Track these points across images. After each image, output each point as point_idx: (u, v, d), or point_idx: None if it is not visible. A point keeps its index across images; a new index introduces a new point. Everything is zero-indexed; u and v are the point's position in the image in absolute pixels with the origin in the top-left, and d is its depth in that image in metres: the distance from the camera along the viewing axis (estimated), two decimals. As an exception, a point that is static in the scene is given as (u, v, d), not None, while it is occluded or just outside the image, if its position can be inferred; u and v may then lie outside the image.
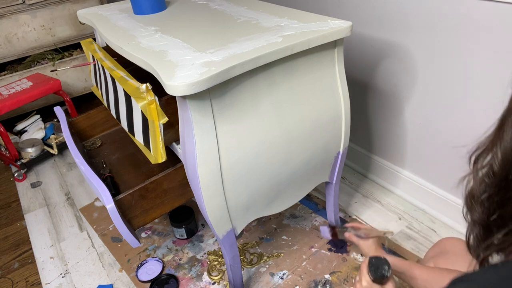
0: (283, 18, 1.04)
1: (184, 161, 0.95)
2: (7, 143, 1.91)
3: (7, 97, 1.95)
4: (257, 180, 0.99)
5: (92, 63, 1.33)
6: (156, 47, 0.95)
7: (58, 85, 2.12)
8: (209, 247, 1.47)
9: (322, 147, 1.10)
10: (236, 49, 0.86)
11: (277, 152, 0.99)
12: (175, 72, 0.79)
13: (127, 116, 1.08)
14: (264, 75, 0.90)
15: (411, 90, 1.35)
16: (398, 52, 1.33)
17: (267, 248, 1.43)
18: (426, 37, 1.22)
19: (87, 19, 1.31)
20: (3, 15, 2.19)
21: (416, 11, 1.21)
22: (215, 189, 0.92)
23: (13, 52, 2.31)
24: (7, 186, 1.97)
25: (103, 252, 1.51)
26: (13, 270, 1.49)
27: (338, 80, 1.05)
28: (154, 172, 1.09)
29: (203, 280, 1.34)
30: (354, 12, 1.42)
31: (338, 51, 1.02)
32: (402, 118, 1.44)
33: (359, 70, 1.51)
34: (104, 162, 1.33)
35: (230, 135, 0.89)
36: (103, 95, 1.29)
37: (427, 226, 1.44)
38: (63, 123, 1.29)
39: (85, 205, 1.76)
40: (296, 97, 0.98)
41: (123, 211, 1.00)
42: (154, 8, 1.25)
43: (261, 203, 1.06)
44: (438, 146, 1.35)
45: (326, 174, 1.21)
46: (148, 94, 0.90)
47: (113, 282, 1.38)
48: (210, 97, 0.83)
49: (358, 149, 1.70)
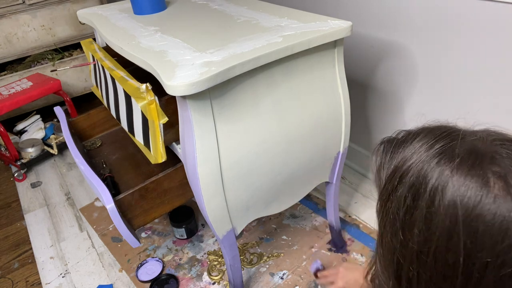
0: (283, 18, 1.04)
1: (184, 161, 0.95)
2: (7, 143, 1.91)
3: (7, 97, 1.95)
4: (257, 180, 0.99)
5: (92, 63, 1.33)
6: (156, 47, 0.95)
7: (58, 85, 2.12)
8: (209, 247, 1.47)
9: (322, 147, 1.10)
10: (236, 49, 0.86)
11: (277, 152, 0.99)
12: (175, 72, 0.79)
13: (127, 116, 1.08)
14: (264, 75, 0.90)
15: (411, 90, 1.35)
16: (398, 52, 1.33)
17: (267, 248, 1.43)
18: (426, 37, 1.22)
19: (87, 19, 1.31)
20: (3, 15, 2.19)
21: (416, 11, 1.21)
22: (215, 189, 0.92)
23: (13, 52, 2.31)
24: (7, 186, 1.97)
25: (103, 252, 1.51)
26: (13, 270, 1.49)
27: (338, 80, 1.05)
28: (154, 172, 1.09)
29: (203, 280, 1.34)
30: (354, 12, 1.42)
31: (338, 51, 1.02)
32: (402, 118, 1.44)
33: (359, 70, 1.51)
34: (104, 162, 1.33)
35: (230, 135, 0.89)
36: (103, 95, 1.29)
37: (427, 226, 1.44)
38: (63, 123, 1.29)
39: (85, 205, 1.76)
40: (296, 97, 0.98)
41: (123, 211, 1.00)
42: (154, 8, 1.25)
43: (261, 203, 1.06)
44: (438, 146, 1.35)
45: (326, 174, 1.21)
46: (148, 94, 0.90)
47: (113, 282, 1.38)
48: (210, 97, 0.83)
49: (358, 149, 1.70)
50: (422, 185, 0.43)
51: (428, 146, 0.45)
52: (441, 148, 0.44)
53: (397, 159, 0.48)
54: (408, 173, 0.45)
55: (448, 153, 0.43)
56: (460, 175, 0.40)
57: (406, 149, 0.47)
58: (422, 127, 0.51)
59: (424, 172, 0.43)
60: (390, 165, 0.49)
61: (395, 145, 0.50)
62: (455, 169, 0.41)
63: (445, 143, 0.44)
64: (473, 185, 0.39)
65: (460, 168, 0.41)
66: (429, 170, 0.43)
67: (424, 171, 0.43)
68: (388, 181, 0.48)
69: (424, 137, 0.47)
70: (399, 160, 0.47)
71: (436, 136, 0.46)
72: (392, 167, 0.48)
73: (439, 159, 0.43)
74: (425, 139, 0.46)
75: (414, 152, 0.46)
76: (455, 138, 0.45)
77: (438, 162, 0.42)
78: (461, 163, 0.41)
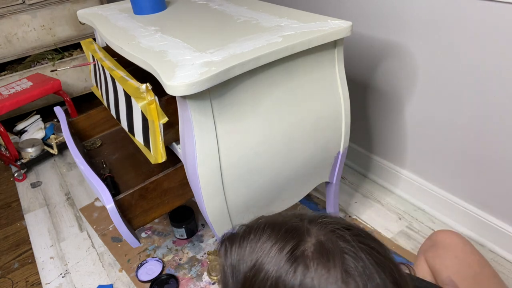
0: (283, 18, 1.04)
1: (184, 161, 0.95)
2: (7, 143, 1.91)
3: (7, 97, 1.95)
4: (257, 180, 0.99)
5: (92, 63, 1.33)
6: (156, 47, 0.95)
7: (58, 85, 2.12)
8: (209, 247, 1.47)
9: (322, 147, 1.10)
10: (236, 49, 0.86)
11: (277, 152, 0.99)
12: (175, 72, 0.79)
13: (127, 116, 1.08)
14: (264, 75, 0.90)
15: (411, 90, 1.35)
16: (398, 52, 1.33)
17: (267, 248, 1.43)
18: (426, 37, 1.22)
19: (87, 19, 1.31)
20: (3, 15, 2.19)
21: (416, 11, 1.21)
22: (215, 189, 0.92)
23: (13, 52, 2.31)
24: (7, 186, 1.97)
25: (103, 252, 1.51)
26: (13, 270, 1.49)
27: (338, 80, 1.05)
28: (154, 172, 1.09)
29: (203, 280, 1.34)
30: (354, 12, 1.42)
31: (338, 51, 1.02)
32: (402, 118, 1.44)
33: (359, 70, 1.51)
34: (104, 162, 1.33)
35: (230, 135, 0.89)
36: (103, 95, 1.29)
37: (427, 226, 1.44)
38: (63, 123, 1.29)
39: (85, 205, 1.76)
40: (296, 97, 0.98)
41: (123, 211, 1.00)
42: (154, 8, 1.25)
43: (261, 203, 1.06)
44: (438, 146, 1.35)
45: (326, 174, 1.21)
46: (148, 94, 0.90)
47: (113, 282, 1.38)
48: (210, 97, 0.83)
49: (358, 149, 1.70)
50: None
51: (278, 250, 0.44)
52: (291, 252, 0.44)
53: (247, 265, 0.46)
54: (265, 283, 0.44)
55: (301, 258, 0.43)
56: (320, 279, 0.42)
57: (253, 253, 0.46)
58: (262, 221, 0.50)
59: (283, 282, 0.43)
60: (239, 271, 0.47)
61: (239, 245, 0.49)
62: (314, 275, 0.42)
63: (292, 245, 0.44)
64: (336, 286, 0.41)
65: (317, 273, 0.42)
66: (289, 280, 0.42)
67: (283, 281, 0.43)
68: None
69: (269, 238, 0.46)
70: (249, 266, 0.46)
71: (281, 237, 0.45)
72: (242, 275, 0.47)
73: (295, 266, 0.43)
74: (271, 241, 0.46)
75: (264, 257, 0.45)
76: (301, 238, 0.45)
77: (295, 270, 0.42)
78: (318, 268, 0.42)
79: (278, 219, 0.50)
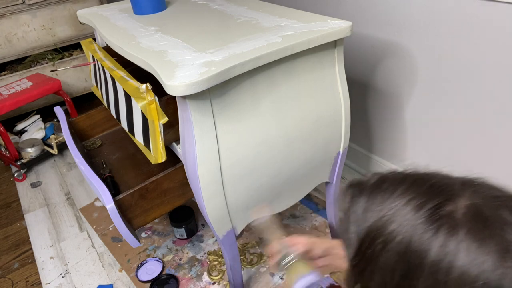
0: (283, 18, 1.04)
1: (184, 161, 0.95)
2: (7, 143, 1.91)
3: (7, 97, 1.95)
4: (257, 180, 0.99)
5: (92, 63, 1.33)
6: (156, 47, 0.95)
7: (58, 85, 2.12)
8: (209, 247, 1.47)
9: (322, 147, 1.10)
10: (236, 49, 0.86)
11: (277, 152, 0.99)
12: (175, 72, 0.79)
13: (127, 116, 1.08)
14: (264, 75, 0.90)
15: (411, 90, 1.35)
16: (398, 52, 1.33)
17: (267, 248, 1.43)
18: (426, 37, 1.22)
19: (87, 19, 1.31)
20: (3, 15, 2.19)
21: (416, 11, 1.21)
22: (215, 189, 0.92)
23: (13, 52, 2.31)
24: (7, 186, 1.97)
25: (103, 252, 1.51)
26: (13, 270, 1.49)
27: (338, 80, 1.05)
28: (154, 172, 1.09)
29: (203, 280, 1.34)
30: (354, 12, 1.42)
31: (338, 51, 1.02)
32: (402, 118, 1.44)
33: (359, 70, 1.51)
34: (104, 162, 1.33)
35: (230, 135, 0.89)
36: (103, 95, 1.29)
37: (427, 226, 1.44)
38: (63, 123, 1.29)
39: (85, 205, 1.76)
40: (296, 97, 0.98)
41: (123, 211, 1.00)
42: (154, 8, 1.25)
43: (261, 203, 1.05)
44: (438, 146, 1.35)
45: (326, 174, 1.21)
46: (148, 94, 0.90)
47: (113, 282, 1.38)
48: (210, 97, 0.83)
49: (358, 149, 1.70)
50: (417, 259, 0.35)
51: (416, 206, 0.37)
52: (433, 210, 0.36)
53: (373, 216, 0.39)
54: (393, 239, 0.37)
55: (446, 219, 0.35)
56: (469, 248, 0.33)
57: (384, 204, 0.39)
58: (401, 174, 0.43)
59: (418, 242, 0.35)
60: (363, 221, 0.40)
61: (369, 194, 0.42)
62: (462, 241, 0.34)
63: (437, 203, 0.36)
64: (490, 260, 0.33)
65: (467, 240, 0.34)
66: (425, 241, 0.35)
67: (417, 241, 0.35)
68: (364, 244, 0.40)
69: (407, 191, 0.39)
70: (376, 218, 0.39)
71: (423, 192, 0.38)
72: (367, 226, 0.40)
73: (437, 226, 0.35)
74: (409, 194, 0.38)
75: (398, 211, 0.38)
76: (449, 197, 0.37)
77: (436, 231, 0.35)
78: (468, 234, 0.34)
79: (421, 172, 0.42)
